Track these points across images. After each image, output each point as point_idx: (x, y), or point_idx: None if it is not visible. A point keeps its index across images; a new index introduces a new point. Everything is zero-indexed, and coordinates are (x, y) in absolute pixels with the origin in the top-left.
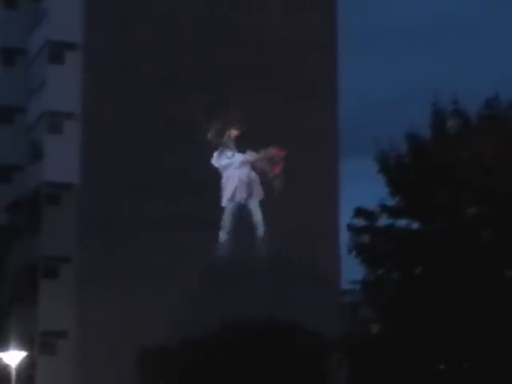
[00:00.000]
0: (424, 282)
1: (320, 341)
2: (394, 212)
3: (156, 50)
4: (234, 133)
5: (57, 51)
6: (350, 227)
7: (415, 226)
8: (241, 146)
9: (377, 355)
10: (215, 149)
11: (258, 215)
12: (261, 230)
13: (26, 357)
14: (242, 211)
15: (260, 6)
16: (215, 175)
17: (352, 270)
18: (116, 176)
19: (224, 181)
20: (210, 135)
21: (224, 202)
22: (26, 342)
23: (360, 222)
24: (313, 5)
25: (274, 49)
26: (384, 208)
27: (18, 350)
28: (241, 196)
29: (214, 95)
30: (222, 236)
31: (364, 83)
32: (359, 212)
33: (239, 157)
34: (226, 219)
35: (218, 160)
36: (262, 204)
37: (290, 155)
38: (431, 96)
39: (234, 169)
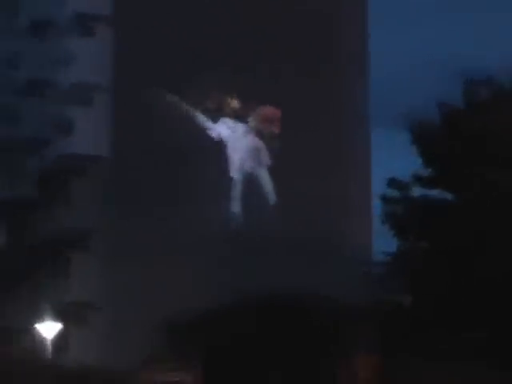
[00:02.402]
0: (454, 253)
1: (346, 312)
2: (427, 182)
3: (178, 23)
4: (234, 102)
5: (86, 24)
6: (383, 198)
7: (449, 196)
8: (242, 115)
9: (405, 326)
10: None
11: (268, 184)
12: (272, 198)
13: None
14: (251, 181)
15: None
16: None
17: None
18: (144, 148)
19: (230, 151)
20: (209, 104)
21: (232, 172)
22: (57, 313)
23: (393, 193)
24: None
25: (297, 17)
26: (417, 178)
27: (52, 321)
28: (249, 165)
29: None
30: (234, 207)
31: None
32: (392, 182)
33: (242, 126)
34: (236, 190)
35: (219, 129)
36: (278, 172)
37: (316, 124)
38: (460, 65)
39: (237, 138)
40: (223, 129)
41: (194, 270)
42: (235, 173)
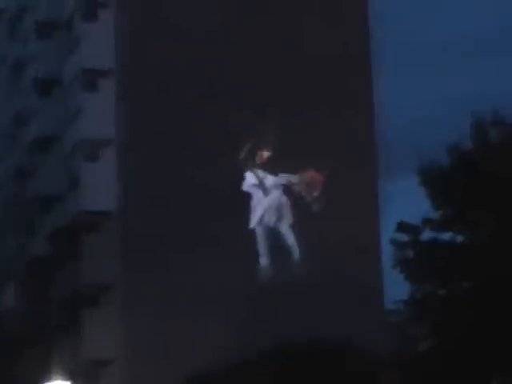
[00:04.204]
0: (473, 296)
1: (369, 360)
2: (437, 225)
3: (190, 67)
4: (265, 154)
5: (90, 79)
6: (393, 242)
7: (460, 238)
8: (272, 167)
9: (428, 372)
10: (246, 169)
11: (290, 238)
12: (296, 253)
13: None
14: (273, 235)
15: (297, 20)
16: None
17: (395, 287)
18: (154, 200)
19: (253, 203)
20: (242, 155)
21: (252, 224)
22: (70, 372)
23: (403, 237)
24: (350, 18)
25: (312, 63)
26: (427, 221)
27: (63, 380)
28: (269, 219)
29: (250, 111)
30: (262, 260)
31: (403, 97)
32: (402, 226)
33: (270, 179)
34: (260, 243)
35: (248, 181)
36: (298, 224)
37: (329, 171)
38: (470, 108)
39: (264, 191)
40: (252, 180)
41: (215, 321)
42: (256, 225)
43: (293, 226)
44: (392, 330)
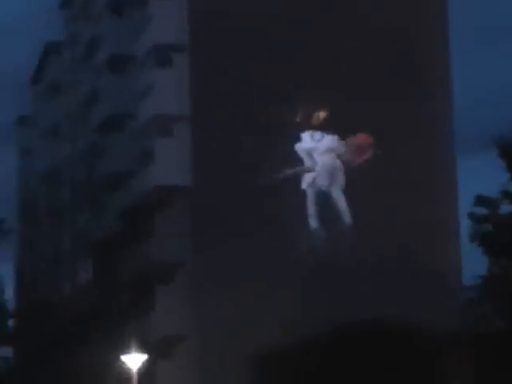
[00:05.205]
0: None
1: (437, 340)
2: None
3: (258, 48)
4: (322, 115)
5: (164, 55)
6: (471, 216)
7: None
8: (329, 128)
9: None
10: (303, 131)
11: (342, 203)
12: (347, 217)
13: (146, 361)
14: (324, 198)
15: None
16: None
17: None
18: (227, 177)
19: (307, 164)
20: (299, 116)
21: (304, 185)
22: (144, 348)
23: (481, 211)
24: None
25: (381, 37)
26: (506, 194)
27: (140, 353)
28: (322, 183)
29: (316, 91)
30: (312, 223)
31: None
32: (480, 200)
33: (327, 140)
34: (310, 205)
35: (304, 142)
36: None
37: (402, 145)
38: None
39: (318, 154)
40: (307, 142)
41: (281, 298)
42: (308, 187)
43: (344, 191)
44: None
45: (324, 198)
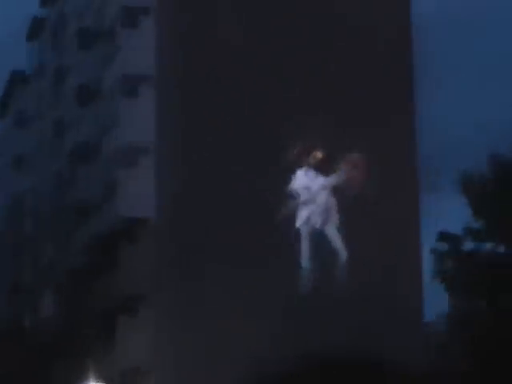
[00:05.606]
0: None
1: (407, 375)
2: (478, 235)
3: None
4: (319, 154)
5: (131, 85)
6: (433, 252)
7: (501, 248)
8: (324, 169)
9: None
10: (297, 169)
11: (337, 241)
12: (343, 256)
13: None
14: (318, 237)
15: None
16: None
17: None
18: (191, 210)
19: (301, 202)
20: (295, 152)
21: (298, 223)
22: (107, 380)
23: (444, 247)
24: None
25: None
26: (468, 231)
27: None
28: (316, 221)
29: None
30: (304, 263)
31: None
32: (443, 236)
33: (321, 180)
34: (304, 244)
35: (299, 179)
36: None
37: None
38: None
39: (312, 192)
40: (302, 179)
41: (247, 333)
42: (302, 225)
43: (339, 229)
44: (431, 343)
45: (318, 237)
